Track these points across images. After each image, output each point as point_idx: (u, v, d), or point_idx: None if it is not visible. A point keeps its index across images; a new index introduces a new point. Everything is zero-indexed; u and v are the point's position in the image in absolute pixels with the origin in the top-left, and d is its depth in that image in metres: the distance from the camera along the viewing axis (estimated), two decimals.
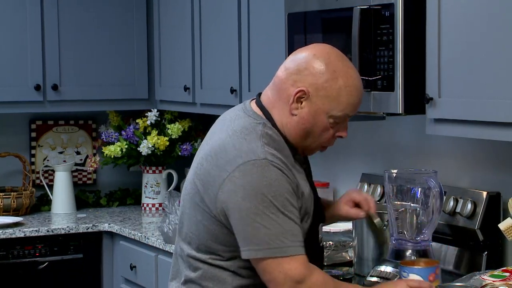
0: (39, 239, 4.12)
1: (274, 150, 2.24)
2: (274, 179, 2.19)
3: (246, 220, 2.19)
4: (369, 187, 3.43)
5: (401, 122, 3.40)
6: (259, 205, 2.17)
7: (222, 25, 3.85)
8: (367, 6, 2.77)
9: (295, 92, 2.25)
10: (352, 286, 2.33)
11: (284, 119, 2.29)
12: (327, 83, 2.24)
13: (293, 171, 2.26)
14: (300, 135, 2.29)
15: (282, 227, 2.18)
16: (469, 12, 2.52)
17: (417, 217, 2.59)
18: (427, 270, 2.33)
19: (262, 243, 2.18)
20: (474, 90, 2.51)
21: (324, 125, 2.27)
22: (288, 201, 2.20)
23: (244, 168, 2.20)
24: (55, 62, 4.36)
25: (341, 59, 2.28)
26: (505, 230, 2.61)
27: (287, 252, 2.18)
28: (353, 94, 2.26)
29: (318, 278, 2.22)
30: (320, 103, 2.25)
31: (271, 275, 2.21)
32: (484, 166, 3.04)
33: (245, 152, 2.22)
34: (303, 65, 2.26)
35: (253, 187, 2.18)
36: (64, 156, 4.73)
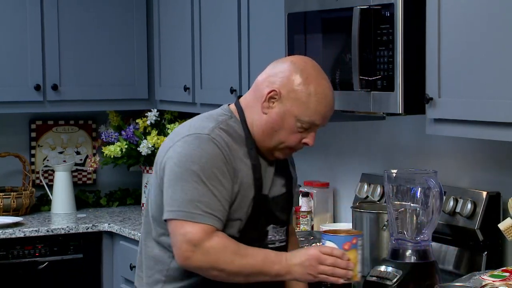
0: (39, 239, 4.12)
1: (225, 134, 2.35)
2: (208, 153, 2.31)
3: (171, 183, 2.31)
4: (369, 187, 3.43)
5: (401, 122, 3.40)
6: (186, 172, 2.29)
7: (222, 25, 3.85)
8: (367, 6, 2.77)
9: (268, 91, 2.36)
10: (257, 250, 2.32)
11: (254, 117, 2.39)
12: (298, 87, 2.34)
13: (236, 158, 2.35)
14: (267, 134, 2.38)
15: (199, 196, 2.28)
16: (469, 12, 2.52)
17: (417, 217, 2.58)
18: (342, 238, 2.30)
19: (175, 205, 2.29)
20: (474, 90, 2.51)
21: (291, 128, 2.36)
22: (215, 176, 2.29)
23: (187, 139, 2.34)
24: (55, 62, 4.36)
25: (316, 69, 2.40)
26: (505, 230, 2.61)
27: (195, 218, 2.27)
28: (322, 103, 2.35)
29: (218, 242, 2.27)
30: (289, 105, 2.34)
31: (173, 237, 2.30)
32: (484, 166, 3.04)
33: (194, 128, 2.37)
34: (279, 69, 2.38)
35: (187, 155, 2.31)
36: (64, 156, 4.73)
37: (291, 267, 2.28)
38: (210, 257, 2.27)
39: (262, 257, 2.29)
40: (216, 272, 2.28)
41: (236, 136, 2.39)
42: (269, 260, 2.28)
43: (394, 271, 2.56)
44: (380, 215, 2.95)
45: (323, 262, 2.26)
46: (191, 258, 2.27)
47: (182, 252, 2.28)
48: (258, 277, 2.30)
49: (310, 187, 3.75)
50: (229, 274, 2.29)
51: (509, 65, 2.38)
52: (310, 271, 2.27)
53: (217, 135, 2.34)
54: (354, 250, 2.30)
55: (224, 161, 2.32)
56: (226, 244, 2.28)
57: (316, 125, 2.37)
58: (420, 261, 2.57)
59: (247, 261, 2.28)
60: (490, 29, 2.44)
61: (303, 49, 3.16)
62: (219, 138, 2.34)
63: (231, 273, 2.28)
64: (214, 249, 2.26)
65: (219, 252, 2.27)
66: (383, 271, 2.59)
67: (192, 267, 2.30)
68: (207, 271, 2.29)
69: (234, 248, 2.29)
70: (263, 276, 2.29)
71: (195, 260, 2.27)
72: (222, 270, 2.28)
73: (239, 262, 2.27)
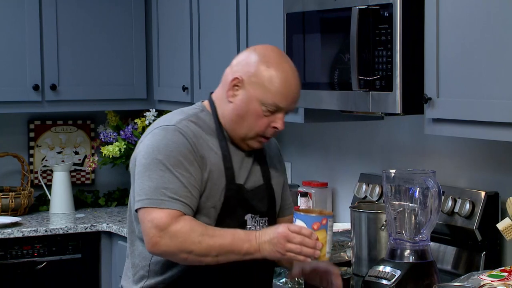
0: (38, 239, 4.12)
1: (194, 125, 2.41)
2: (174, 141, 2.36)
3: (139, 175, 2.36)
4: (368, 187, 3.43)
5: (400, 122, 3.40)
6: (152, 162, 2.35)
7: (221, 25, 3.85)
8: (366, 6, 2.77)
9: (231, 79, 2.42)
10: (226, 230, 2.33)
11: (224, 108, 2.45)
12: (259, 71, 2.39)
13: (205, 148, 2.39)
14: (235, 122, 2.42)
15: (165, 183, 2.32)
16: (468, 12, 2.52)
17: (416, 217, 2.58)
18: (311, 218, 2.31)
19: (143, 194, 2.34)
20: (473, 90, 2.51)
21: (257, 112, 2.39)
22: (181, 163, 2.34)
23: (154, 132, 2.41)
24: (54, 62, 4.36)
25: (277, 53, 2.44)
26: (503, 230, 2.61)
27: (161, 205, 2.30)
28: (284, 84, 2.39)
29: (184, 225, 2.29)
30: (252, 90, 2.39)
31: (142, 225, 2.34)
32: (483, 166, 3.04)
33: (163, 121, 2.44)
34: (242, 57, 2.46)
35: (153, 146, 2.37)
36: (62, 156, 4.73)
37: (260, 245, 2.29)
38: (177, 240, 2.28)
39: (230, 236, 2.30)
40: (185, 255, 2.29)
41: (206, 127, 2.43)
42: (238, 238, 2.30)
43: (393, 271, 2.56)
44: (378, 215, 2.95)
45: (291, 240, 2.27)
46: (159, 243, 2.29)
47: (150, 238, 2.30)
48: (228, 256, 2.30)
49: (308, 187, 3.75)
50: (198, 255, 2.29)
51: (507, 65, 2.38)
52: (278, 249, 2.28)
53: (184, 125, 2.40)
54: (323, 231, 2.31)
55: (190, 149, 2.36)
56: (193, 226, 2.30)
57: (281, 108, 2.41)
58: (418, 261, 2.57)
59: (215, 241, 2.29)
60: (489, 29, 2.44)
61: (301, 49, 3.16)
62: (185, 128, 2.39)
63: (200, 254, 2.29)
64: (181, 232, 2.28)
65: (186, 234, 2.28)
66: (382, 271, 2.59)
67: (161, 252, 2.31)
68: (176, 255, 2.31)
69: (201, 229, 2.31)
70: (233, 255, 2.30)
71: (163, 245, 2.29)
72: (190, 252, 2.29)
73: (207, 242, 2.28)
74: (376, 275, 2.60)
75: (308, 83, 3.14)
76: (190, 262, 2.33)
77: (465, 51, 2.53)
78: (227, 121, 2.45)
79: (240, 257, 2.31)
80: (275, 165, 2.58)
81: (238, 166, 2.45)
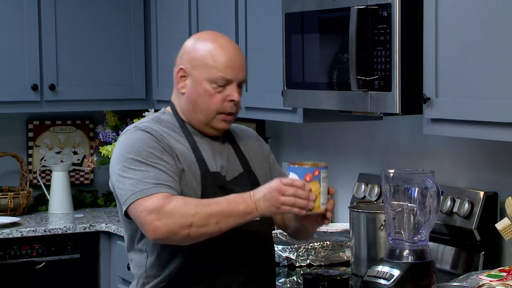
0: (36, 239, 4.12)
1: (157, 125, 2.45)
2: (138, 139, 2.40)
3: (118, 180, 2.39)
4: (366, 187, 3.43)
5: (398, 122, 3.40)
6: (124, 163, 2.38)
7: (220, 25, 3.85)
8: (364, 6, 2.77)
9: (176, 72, 2.48)
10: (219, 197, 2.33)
11: (180, 103, 2.50)
12: (197, 52, 2.45)
13: (172, 140, 2.42)
14: (193, 110, 2.46)
15: (144, 175, 2.34)
16: (466, 13, 2.52)
17: (414, 217, 2.58)
18: (304, 170, 2.29)
19: (127, 194, 2.35)
20: (471, 90, 2.51)
21: (208, 92, 2.43)
22: (152, 154, 2.37)
23: (120, 140, 2.46)
24: (52, 62, 4.36)
25: (211, 32, 2.52)
26: (502, 230, 2.61)
27: (148, 192, 2.32)
28: (222, 55, 2.43)
29: (177, 202, 2.30)
30: (197, 73, 2.44)
31: (137, 219, 2.34)
32: (481, 166, 3.04)
33: (126, 129, 2.49)
34: (180, 50, 2.50)
35: (121, 149, 2.41)
36: (61, 156, 4.73)
37: (256, 203, 2.29)
38: (174, 217, 2.28)
39: (225, 201, 2.31)
40: (186, 230, 2.28)
41: (170, 125, 2.48)
42: (233, 202, 2.30)
43: (392, 271, 2.56)
44: (377, 215, 2.95)
45: (284, 193, 2.26)
46: (158, 226, 2.28)
47: (148, 225, 2.29)
48: (228, 221, 2.29)
49: None
50: (199, 226, 2.28)
51: (506, 66, 2.39)
52: (273, 203, 2.27)
53: (146, 126, 2.44)
54: (316, 182, 2.29)
55: (156, 140, 2.40)
56: (186, 201, 2.31)
57: (229, 79, 2.43)
58: (417, 261, 2.57)
59: (211, 208, 2.29)
60: (487, 29, 2.44)
61: (300, 49, 3.16)
62: (148, 128, 2.43)
63: (200, 224, 2.28)
64: (176, 209, 2.28)
65: (181, 209, 2.28)
66: (380, 271, 2.59)
67: (163, 234, 2.30)
68: (178, 233, 2.29)
69: (195, 201, 2.32)
70: (233, 218, 2.29)
71: (162, 226, 2.28)
72: (190, 226, 2.28)
73: (204, 211, 2.28)
74: (375, 275, 2.60)
75: (307, 83, 3.14)
76: (194, 237, 2.30)
77: (464, 51, 2.53)
78: (186, 114, 2.48)
79: (240, 219, 2.30)
80: (254, 150, 2.59)
81: (211, 156, 2.47)
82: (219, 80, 2.42)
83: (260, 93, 3.60)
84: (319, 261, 3.12)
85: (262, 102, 3.58)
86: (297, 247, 3.12)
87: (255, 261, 2.48)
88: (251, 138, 2.63)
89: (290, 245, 3.13)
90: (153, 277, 2.44)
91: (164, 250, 2.41)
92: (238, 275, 2.44)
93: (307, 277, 2.78)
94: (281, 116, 3.47)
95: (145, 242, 2.45)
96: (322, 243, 3.14)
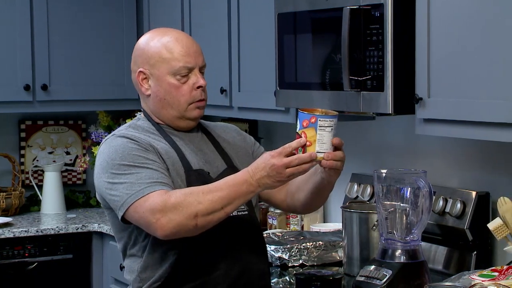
0: (29, 240, 4.11)
1: (134, 130, 2.45)
2: (120, 145, 2.39)
3: (108, 188, 2.37)
4: (359, 187, 3.43)
5: (391, 122, 3.40)
6: (112, 170, 2.36)
7: (212, 25, 3.85)
8: (357, 6, 2.77)
9: (136, 77, 2.49)
10: (216, 182, 2.33)
11: (150, 105, 2.50)
12: (151, 50, 2.45)
13: (152, 140, 2.42)
14: (163, 107, 2.46)
15: (136, 177, 2.33)
16: (459, 13, 2.52)
17: (407, 217, 2.59)
18: (303, 115, 2.30)
19: (122, 199, 2.33)
20: (464, 90, 2.52)
21: (174, 85, 2.44)
22: (138, 156, 2.37)
23: (100, 151, 2.45)
24: (45, 62, 4.35)
25: (160, 29, 2.51)
26: (494, 230, 2.62)
27: (144, 192, 2.30)
28: (177, 45, 2.44)
29: (178, 195, 2.29)
30: (157, 70, 2.45)
31: (140, 220, 2.32)
32: (474, 166, 3.04)
33: (104, 140, 2.47)
34: (133, 55, 2.52)
35: (103, 159, 2.40)
36: (53, 156, 4.72)
37: (258, 181, 2.28)
38: (179, 210, 2.27)
39: (225, 185, 2.30)
40: (193, 221, 2.27)
41: (147, 129, 2.48)
42: (234, 185, 2.29)
43: (384, 271, 2.56)
44: (370, 215, 2.96)
45: (289, 165, 2.26)
46: (166, 223, 2.27)
47: (154, 224, 2.28)
48: (233, 204, 2.29)
49: None
50: (205, 214, 2.27)
51: (498, 66, 2.39)
52: (279, 178, 2.27)
53: (124, 132, 2.45)
54: (311, 129, 2.29)
55: (137, 143, 2.39)
56: (186, 192, 2.30)
57: (189, 67, 2.44)
58: (409, 261, 2.57)
59: (213, 195, 2.28)
60: (480, 29, 2.45)
61: (293, 49, 3.16)
62: (126, 134, 2.43)
63: (206, 212, 2.27)
64: (178, 202, 2.27)
65: (184, 201, 2.27)
66: (373, 271, 2.59)
67: (171, 230, 2.28)
68: (186, 225, 2.28)
69: (195, 190, 2.30)
70: (237, 200, 2.29)
71: (169, 222, 2.27)
72: (196, 215, 2.27)
73: (207, 199, 2.28)
74: (367, 275, 2.60)
75: (299, 83, 3.14)
76: (203, 226, 2.29)
77: (456, 51, 2.53)
78: (158, 114, 2.49)
79: (243, 199, 2.30)
80: (236, 145, 2.59)
81: (193, 154, 2.47)
82: (181, 71, 2.43)
83: (253, 93, 3.60)
84: (311, 261, 3.12)
85: (254, 102, 3.58)
86: (289, 247, 3.12)
87: (248, 255, 2.48)
88: (232, 133, 2.63)
89: (282, 245, 3.13)
90: (147, 279, 2.43)
91: (155, 251, 2.41)
92: (232, 269, 2.44)
93: (300, 277, 2.78)
94: (273, 116, 3.47)
95: (139, 248, 2.44)
96: (315, 243, 3.14)
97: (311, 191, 2.50)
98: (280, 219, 3.76)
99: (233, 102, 3.73)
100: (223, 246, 2.43)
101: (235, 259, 2.44)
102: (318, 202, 2.59)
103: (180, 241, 2.35)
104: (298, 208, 2.61)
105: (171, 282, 2.41)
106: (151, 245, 2.40)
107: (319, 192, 2.51)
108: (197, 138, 2.53)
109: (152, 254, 2.42)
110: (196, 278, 2.41)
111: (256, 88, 3.58)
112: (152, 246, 2.41)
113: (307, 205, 2.58)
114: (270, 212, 3.80)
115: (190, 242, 2.36)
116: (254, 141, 2.67)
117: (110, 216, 2.48)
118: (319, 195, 2.53)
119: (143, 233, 2.41)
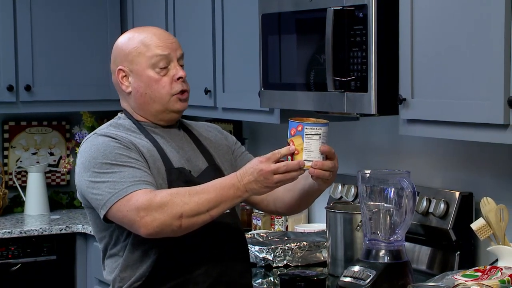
0: (12, 241, 4.09)
1: (115, 129, 2.45)
2: (101, 144, 2.38)
3: (90, 187, 2.35)
4: (343, 187, 3.44)
5: (375, 122, 3.41)
6: (94, 169, 2.35)
7: (196, 25, 3.84)
8: (341, 7, 2.78)
9: (116, 77, 2.50)
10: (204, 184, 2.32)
11: (131, 103, 2.50)
12: (128, 48, 2.47)
13: (134, 138, 2.42)
14: (146, 102, 2.47)
15: (119, 175, 2.32)
16: (442, 14, 2.53)
17: (390, 217, 2.59)
18: (291, 124, 2.32)
19: (106, 196, 2.31)
20: (447, 91, 2.52)
21: (153, 78, 2.45)
22: (120, 155, 2.36)
23: (81, 149, 2.44)
24: (28, 63, 4.34)
25: (135, 28, 2.55)
26: (478, 230, 2.63)
27: (128, 191, 2.29)
28: (153, 38, 2.46)
29: (164, 194, 2.28)
30: (136, 65, 2.46)
31: (125, 218, 2.31)
32: (457, 167, 3.06)
33: (85, 139, 2.46)
34: (112, 55, 2.54)
35: (85, 158, 2.39)
36: (37, 157, 4.71)
37: (246, 186, 2.27)
38: (164, 209, 2.26)
39: (213, 188, 2.29)
40: (178, 221, 2.26)
41: (128, 128, 2.47)
42: (221, 188, 2.28)
43: (368, 271, 2.57)
44: (354, 215, 2.96)
45: (277, 171, 2.26)
46: (149, 222, 2.26)
47: (139, 222, 2.27)
48: (219, 208, 2.29)
49: None
50: (190, 216, 2.26)
51: (481, 66, 2.40)
52: (267, 184, 2.27)
53: (105, 131, 2.44)
54: (298, 137, 2.30)
55: (119, 142, 2.39)
56: (172, 192, 2.29)
57: (168, 56, 2.45)
58: (393, 261, 2.58)
59: (200, 197, 2.27)
60: (463, 30, 2.46)
61: (277, 50, 3.16)
62: (108, 133, 2.42)
63: (191, 214, 2.26)
64: (164, 202, 2.26)
65: (170, 201, 2.26)
66: (357, 271, 2.60)
67: (155, 229, 2.27)
68: (171, 225, 2.27)
69: (182, 191, 2.29)
70: (223, 204, 2.28)
71: (153, 221, 2.26)
72: (181, 216, 2.26)
73: (193, 201, 2.27)
74: (351, 275, 2.61)
75: (284, 84, 3.14)
76: (187, 227, 2.29)
77: (439, 52, 2.54)
78: (140, 110, 2.49)
79: (229, 204, 2.29)
80: (217, 143, 2.59)
81: (174, 152, 2.46)
82: (160, 62, 2.44)
83: (237, 93, 3.60)
84: (296, 262, 3.12)
85: (239, 103, 3.58)
86: (274, 248, 3.12)
87: (229, 254, 2.47)
88: (213, 132, 2.63)
89: (267, 246, 3.13)
90: (128, 278, 2.43)
91: (136, 250, 2.41)
92: (213, 268, 2.43)
93: (284, 277, 2.78)
94: (258, 117, 3.47)
95: (120, 247, 2.44)
96: (299, 243, 3.15)
97: (299, 193, 2.51)
98: (264, 220, 3.76)
99: (218, 103, 3.72)
100: (204, 245, 2.42)
101: (216, 258, 2.44)
102: (303, 205, 2.60)
103: (161, 240, 2.34)
104: (279, 209, 2.61)
105: (151, 281, 2.40)
106: (132, 245, 2.40)
107: (307, 197, 2.52)
108: (178, 136, 2.52)
109: (132, 253, 2.41)
110: (177, 277, 2.41)
111: (240, 89, 3.58)
112: (132, 246, 2.40)
113: (292, 207, 2.58)
114: (255, 212, 3.80)
115: (171, 241, 2.35)
116: (236, 140, 2.67)
117: (91, 216, 2.46)
118: (305, 200, 2.54)
119: (124, 233, 2.40)
